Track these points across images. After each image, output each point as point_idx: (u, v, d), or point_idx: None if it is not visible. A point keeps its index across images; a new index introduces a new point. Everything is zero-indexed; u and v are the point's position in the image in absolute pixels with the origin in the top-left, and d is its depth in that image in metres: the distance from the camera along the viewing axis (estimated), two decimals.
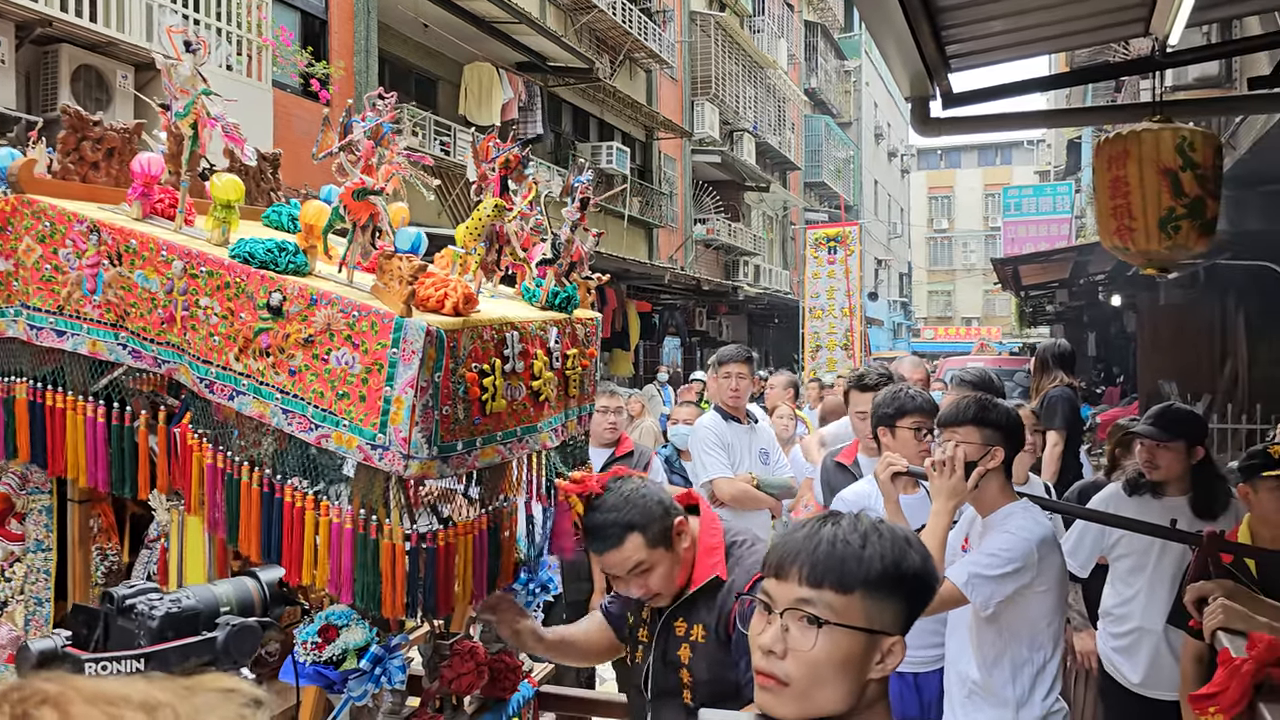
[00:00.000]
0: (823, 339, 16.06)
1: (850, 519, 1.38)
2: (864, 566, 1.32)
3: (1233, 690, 1.87)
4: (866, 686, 1.33)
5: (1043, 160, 43.27)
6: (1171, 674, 3.35)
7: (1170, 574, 3.44)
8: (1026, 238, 23.91)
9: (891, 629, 1.33)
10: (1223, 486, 3.52)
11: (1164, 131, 3.45)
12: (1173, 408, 3.59)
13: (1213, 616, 2.26)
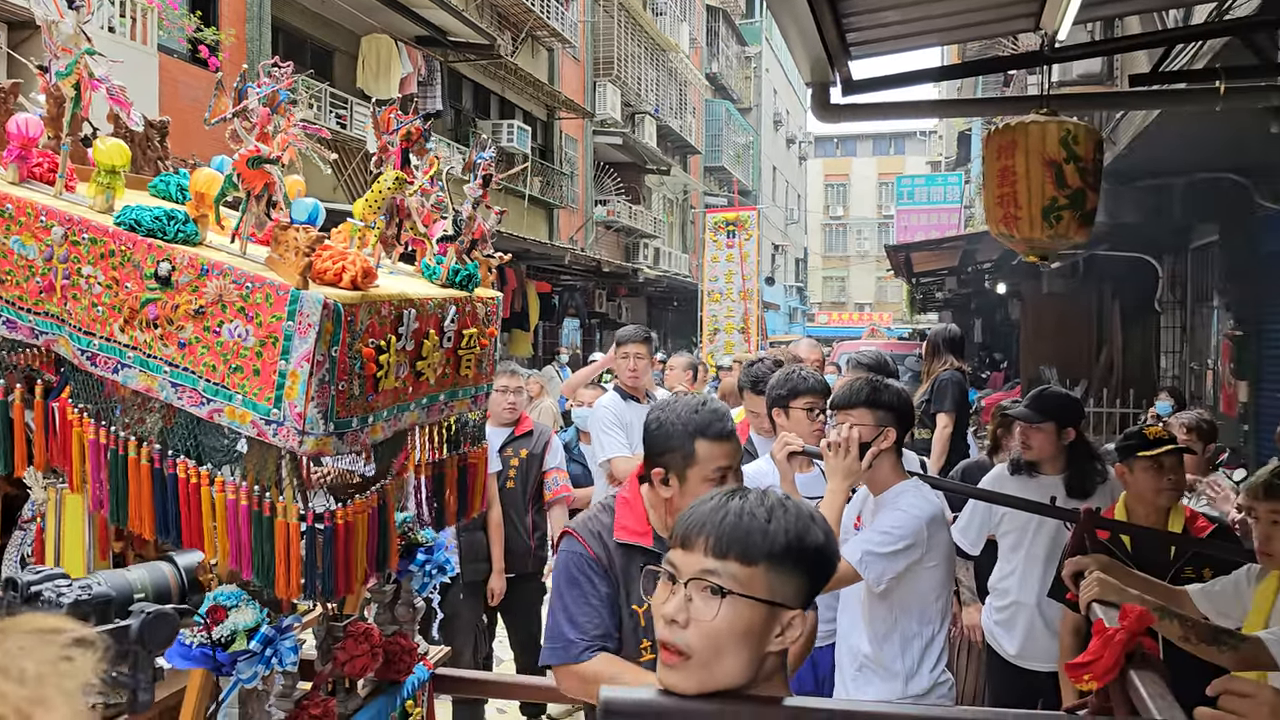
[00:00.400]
0: (721, 322, 16.24)
1: (757, 494, 1.40)
2: (769, 540, 1.34)
3: (1106, 659, 1.95)
4: (766, 659, 1.35)
5: (934, 151, 44.48)
6: (1045, 646, 3.51)
7: (1044, 551, 3.60)
8: (918, 226, 24.59)
9: (792, 603, 1.35)
10: (1095, 466, 3.69)
11: (1050, 124, 3.56)
12: (1046, 391, 3.73)
13: (1088, 589, 2.36)
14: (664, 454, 2.25)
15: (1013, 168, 3.59)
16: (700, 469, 2.22)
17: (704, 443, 2.23)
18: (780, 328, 34.55)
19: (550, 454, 4.89)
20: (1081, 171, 3.52)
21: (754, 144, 36.02)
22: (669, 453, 2.24)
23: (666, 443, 2.25)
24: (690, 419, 2.25)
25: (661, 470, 2.25)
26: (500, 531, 4.57)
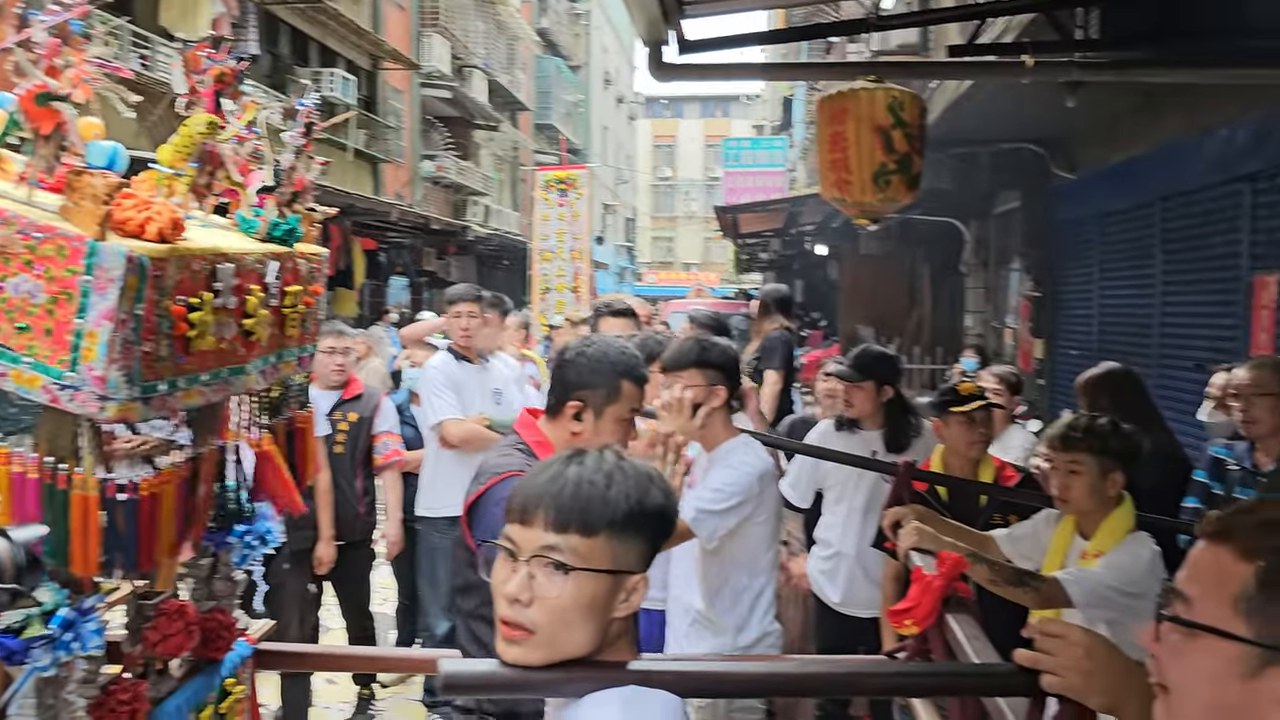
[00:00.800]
0: (552, 281, 16.07)
1: (595, 458, 1.36)
2: (609, 508, 1.30)
3: (925, 604, 2.04)
4: (611, 625, 1.33)
5: (759, 115, 45.46)
6: (867, 594, 3.67)
7: (864, 503, 3.76)
8: (744, 188, 25.10)
9: (636, 567, 1.33)
10: (911, 421, 3.87)
11: (878, 91, 3.68)
12: (866, 351, 3.87)
13: (906, 538, 2.45)
14: (584, 389, 2.25)
15: (844, 133, 3.69)
16: (619, 408, 2.25)
17: (629, 384, 2.27)
18: (610, 287, 34.69)
19: (381, 417, 4.73)
20: (908, 137, 3.66)
21: (584, 103, 35.84)
22: (590, 388, 2.25)
23: (590, 378, 2.26)
24: (620, 358, 2.29)
25: (579, 404, 2.25)
26: (328, 498, 4.40)
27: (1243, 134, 5.47)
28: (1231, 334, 5.66)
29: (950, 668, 1.50)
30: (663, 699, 1.27)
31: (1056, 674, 1.29)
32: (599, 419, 2.26)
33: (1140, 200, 7.01)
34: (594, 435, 2.24)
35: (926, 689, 1.46)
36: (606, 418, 2.26)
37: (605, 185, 38.52)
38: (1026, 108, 7.16)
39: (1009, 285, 10.39)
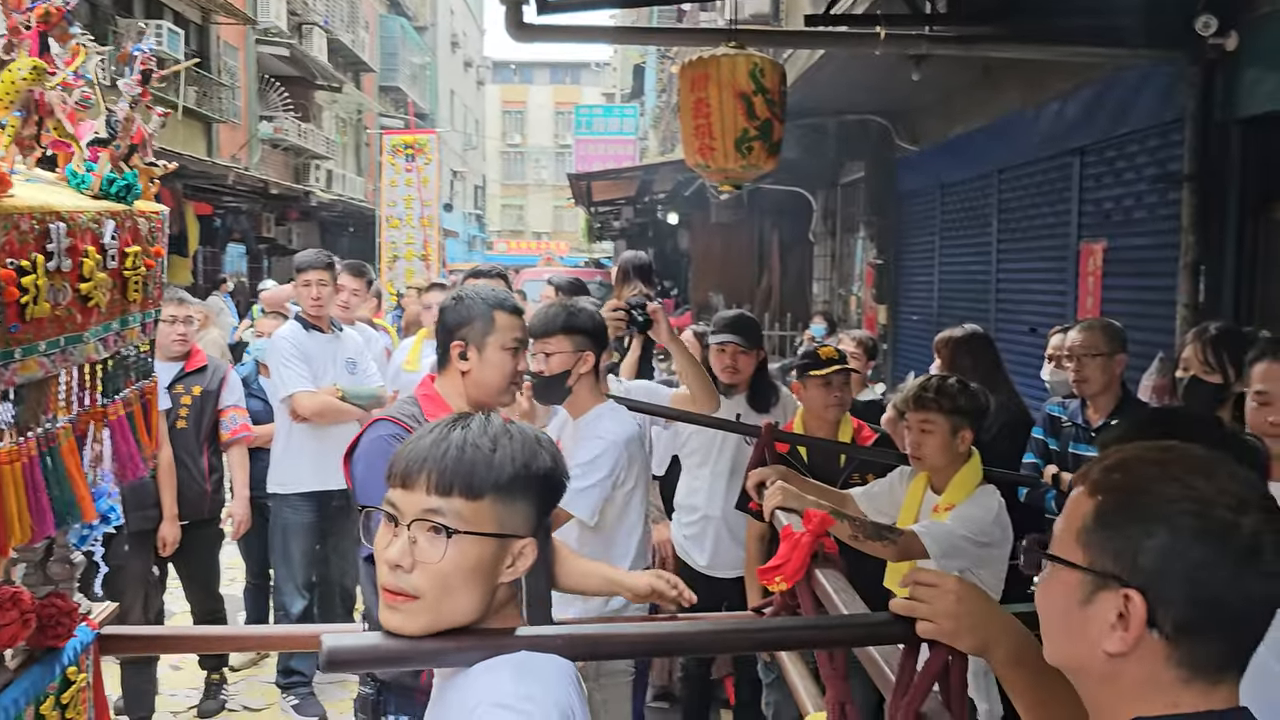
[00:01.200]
0: (400, 249, 15.75)
1: (481, 421, 1.33)
2: (494, 471, 1.28)
3: (794, 560, 2.09)
4: (497, 590, 1.31)
5: (609, 83, 45.37)
6: (732, 555, 3.74)
7: (728, 466, 3.81)
8: (596, 156, 25.05)
9: (522, 531, 1.30)
10: (772, 384, 3.96)
11: (739, 58, 3.70)
12: (745, 316, 3.92)
13: (772, 498, 2.50)
14: (463, 326, 2.38)
15: (707, 99, 3.70)
16: (499, 337, 2.37)
17: (502, 314, 2.39)
18: (459, 255, 34.14)
19: (227, 390, 4.50)
20: (770, 103, 3.70)
21: (431, 65, 34.94)
22: (468, 324, 2.38)
23: (467, 315, 2.39)
24: (489, 294, 2.44)
25: (461, 343, 2.38)
26: (172, 475, 4.17)
27: (1073, 109, 5.79)
28: (1061, 298, 6.01)
29: (832, 620, 1.54)
30: (556, 663, 1.26)
31: (931, 620, 1.34)
32: (482, 352, 2.37)
33: (978, 171, 7.34)
34: (481, 369, 2.37)
35: (811, 641, 1.49)
36: (489, 349, 2.37)
37: (454, 151, 37.74)
38: (873, 81, 7.38)
39: (855, 253, 10.74)
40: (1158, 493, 0.97)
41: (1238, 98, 4.31)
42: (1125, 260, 5.32)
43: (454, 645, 1.22)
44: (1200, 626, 0.95)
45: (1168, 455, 1.01)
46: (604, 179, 14.13)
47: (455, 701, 1.24)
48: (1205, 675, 0.96)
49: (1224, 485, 0.96)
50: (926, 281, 8.62)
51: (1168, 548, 0.95)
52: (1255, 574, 0.93)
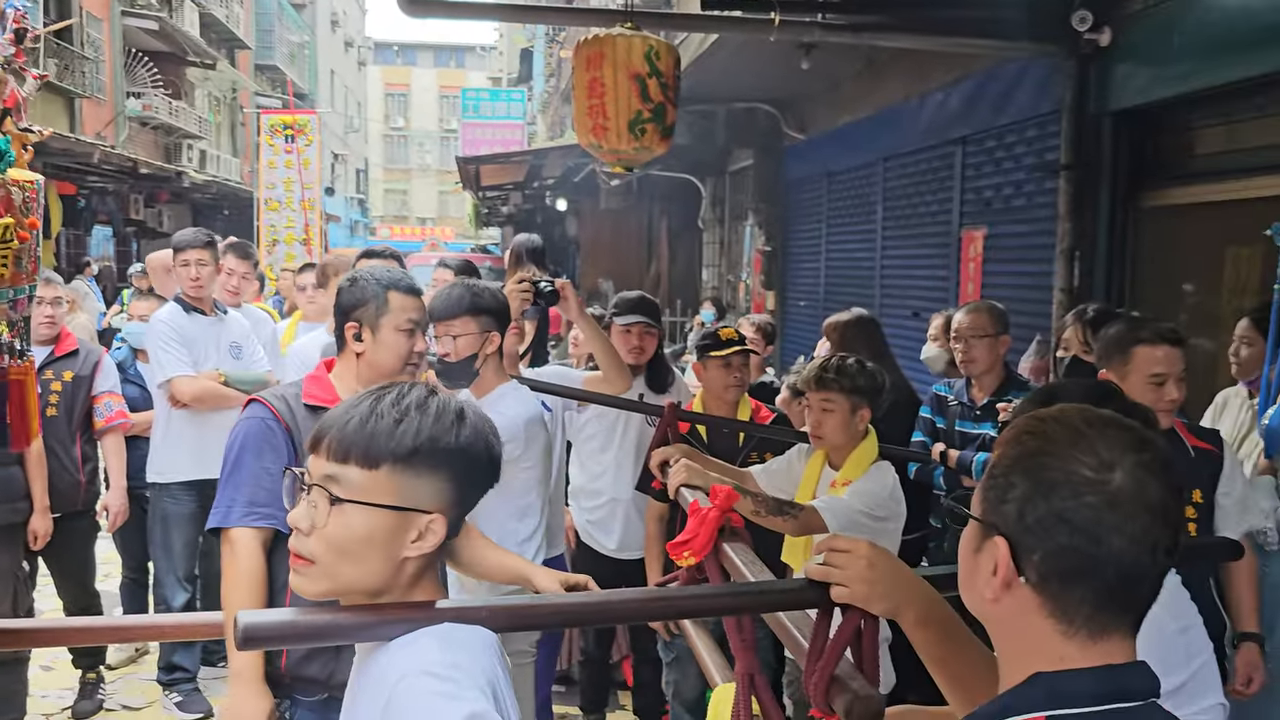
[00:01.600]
0: (280, 233, 15.29)
1: (401, 391, 1.31)
2: (393, 441, 1.26)
3: (702, 535, 2.10)
4: (404, 564, 1.28)
5: (495, 67, 44.85)
6: (640, 536, 3.74)
7: (634, 448, 3.82)
8: (483, 140, 24.74)
9: (429, 506, 1.28)
10: (669, 366, 3.99)
11: (635, 39, 3.69)
12: (647, 298, 3.91)
13: (676, 475, 2.50)
14: (357, 307, 2.35)
15: (601, 79, 3.68)
16: (393, 318, 2.34)
17: (396, 294, 2.35)
18: (342, 241, 33.30)
19: (101, 376, 4.28)
20: (663, 86, 3.70)
21: (310, 44, 33.93)
22: (362, 305, 2.34)
23: (361, 296, 2.35)
24: (383, 275, 2.40)
25: (355, 324, 2.34)
26: (42, 465, 3.93)
27: (955, 100, 5.98)
28: (944, 284, 6.22)
29: (751, 586, 1.56)
30: (480, 634, 1.24)
31: (845, 585, 1.37)
32: (376, 333, 2.34)
33: (864, 160, 7.52)
34: (375, 350, 2.34)
35: (731, 608, 1.51)
36: (382, 330, 2.34)
37: (334, 134, 36.73)
38: (762, 69, 7.48)
39: (743, 240, 10.88)
40: (1029, 446, 1.02)
41: (1110, 91, 4.52)
42: (1005, 247, 5.53)
43: (375, 619, 1.20)
44: (1063, 577, 0.97)
45: (1053, 414, 1.05)
46: (493, 163, 13.96)
47: (374, 677, 1.21)
48: (1083, 628, 0.98)
49: (1094, 441, 0.99)
50: (814, 268, 8.80)
51: (1029, 498, 0.98)
52: (1114, 528, 0.96)
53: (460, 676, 1.15)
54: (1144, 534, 0.96)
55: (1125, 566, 0.97)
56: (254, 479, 2.24)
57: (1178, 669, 1.56)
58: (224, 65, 24.63)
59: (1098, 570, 0.96)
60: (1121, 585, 0.97)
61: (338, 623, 1.20)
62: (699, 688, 3.56)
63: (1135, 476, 0.97)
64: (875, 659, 1.42)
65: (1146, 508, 0.97)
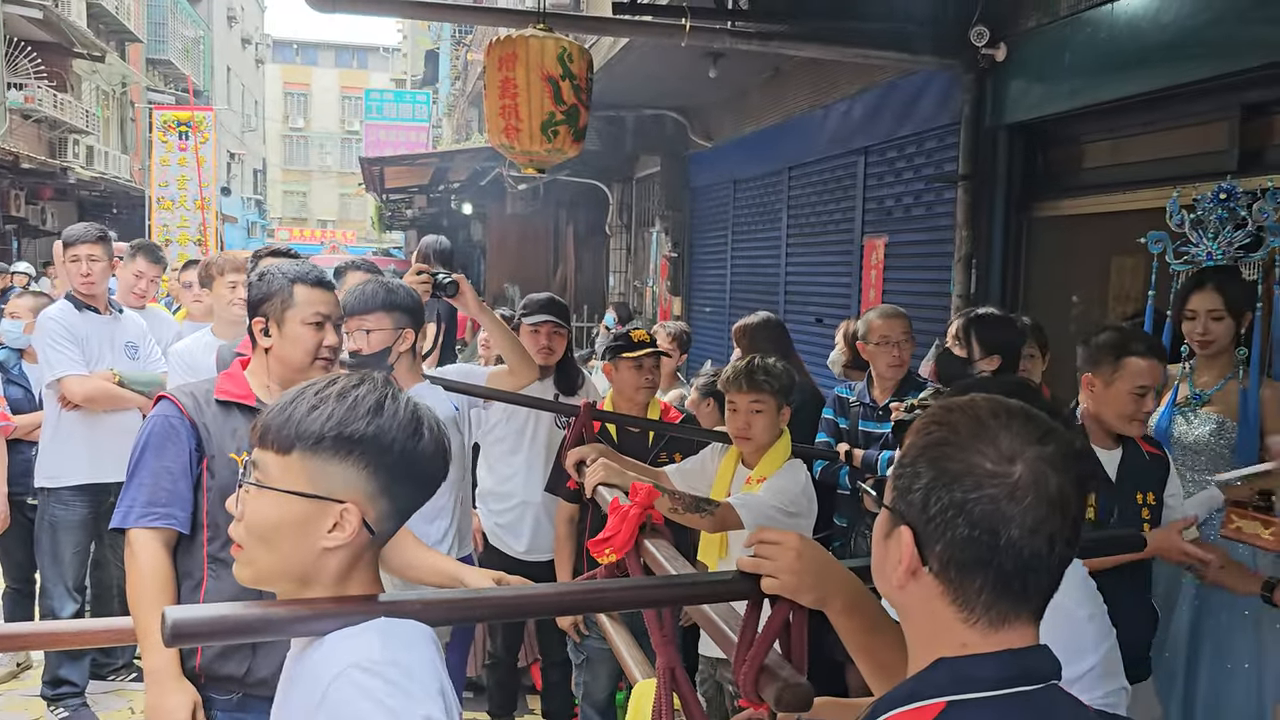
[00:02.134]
0: (173, 232, 14.81)
1: (344, 380, 1.31)
2: (305, 427, 1.26)
3: (624, 532, 2.11)
4: (327, 555, 1.27)
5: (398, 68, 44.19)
6: (549, 539, 3.73)
7: (543, 450, 3.81)
8: (387, 142, 24.35)
9: (342, 494, 1.26)
10: (578, 367, 4.00)
11: (548, 40, 3.70)
12: (556, 299, 3.91)
13: (594, 474, 2.51)
14: (263, 302, 2.33)
15: (514, 80, 3.67)
16: (298, 312, 2.31)
17: (302, 287, 2.32)
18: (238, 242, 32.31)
19: None
20: (576, 89, 3.71)
21: (205, 40, 32.90)
22: (268, 300, 2.32)
23: (266, 290, 2.33)
24: (290, 268, 2.37)
25: (262, 319, 2.32)
26: None
27: (859, 110, 6.13)
28: (846, 290, 6.36)
29: (682, 578, 1.57)
30: (418, 628, 1.24)
31: (774, 576, 1.40)
32: (282, 328, 2.32)
33: (770, 168, 7.65)
34: (281, 345, 2.31)
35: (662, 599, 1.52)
36: (288, 324, 2.31)
37: (231, 132, 35.67)
38: (670, 76, 7.56)
39: (650, 246, 10.95)
40: (935, 436, 1.03)
41: (1005, 105, 4.70)
42: (905, 254, 5.69)
43: (308, 612, 1.18)
44: (962, 566, 0.99)
45: (961, 404, 1.06)
46: (397, 165, 13.76)
47: (308, 674, 1.19)
48: (983, 615, 1.00)
49: (997, 433, 1.01)
50: (719, 274, 8.90)
51: (932, 488, 1.00)
52: (1012, 519, 0.97)
53: (398, 677, 1.14)
54: (1041, 525, 0.98)
55: (1023, 557, 0.98)
56: (154, 478, 2.20)
57: (1086, 654, 1.62)
58: (113, 58, 23.70)
59: (996, 560, 0.98)
60: (1019, 575, 0.99)
61: (269, 617, 1.18)
62: (609, 689, 3.57)
63: (1035, 469, 0.99)
64: (804, 649, 1.45)
65: (1045, 500, 0.98)
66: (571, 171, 11.45)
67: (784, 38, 4.65)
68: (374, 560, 1.32)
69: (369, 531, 1.28)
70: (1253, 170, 3.61)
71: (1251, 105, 3.69)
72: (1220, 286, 3.11)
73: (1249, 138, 3.72)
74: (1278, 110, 3.65)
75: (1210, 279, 3.14)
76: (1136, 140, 4.29)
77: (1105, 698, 1.63)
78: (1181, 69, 3.71)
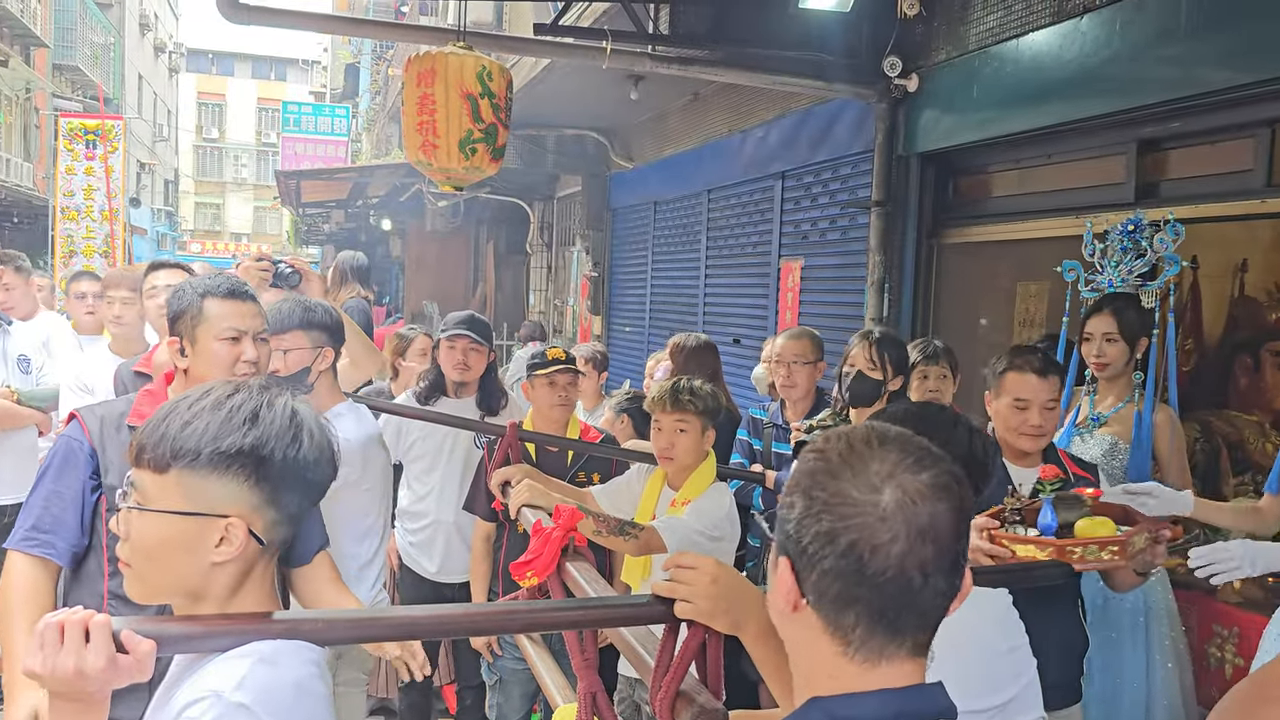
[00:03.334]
0: (78, 244, 14.31)
1: (204, 391, 1.29)
2: (180, 444, 1.24)
3: (546, 555, 2.10)
4: (216, 570, 1.25)
5: (318, 81, 43.52)
6: (461, 560, 3.69)
7: (460, 469, 3.78)
8: (305, 155, 23.94)
9: (227, 509, 1.24)
10: (501, 387, 3.97)
11: (467, 58, 3.69)
12: (477, 316, 3.88)
13: (519, 495, 2.50)
14: (177, 319, 2.25)
15: (432, 96, 3.65)
16: (210, 327, 2.22)
17: (213, 301, 2.23)
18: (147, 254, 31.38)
19: None
20: (495, 107, 3.71)
21: (115, 46, 31.97)
22: (180, 317, 2.25)
23: (178, 307, 2.25)
24: (201, 282, 2.28)
25: (177, 339, 2.25)
26: None
27: (776, 136, 6.24)
28: (763, 312, 6.45)
29: (599, 601, 1.57)
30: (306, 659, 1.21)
31: (690, 600, 1.40)
32: (195, 344, 2.24)
33: (689, 191, 7.73)
34: (196, 362, 2.23)
35: (579, 622, 1.51)
36: (201, 340, 2.23)
37: (142, 142, 34.69)
38: (591, 98, 7.60)
39: (571, 265, 10.96)
40: (810, 466, 1.01)
41: (917, 134, 4.83)
42: (820, 277, 5.80)
43: (201, 630, 1.15)
44: (835, 599, 0.96)
45: (839, 433, 1.03)
46: (315, 179, 13.54)
47: (172, 705, 1.17)
48: (859, 650, 0.97)
49: (869, 461, 0.98)
50: (640, 294, 8.95)
51: (804, 518, 0.98)
52: (878, 549, 0.94)
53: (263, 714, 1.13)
54: (909, 556, 0.94)
55: (892, 588, 0.95)
56: (45, 502, 2.11)
57: (1006, 686, 1.65)
58: (17, 62, 22.88)
59: (865, 592, 0.95)
60: (892, 607, 0.95)
61: (162, 633, 1.15)
62: (522, 710, 3.54)
63: (903, 497, 0.95)
64: (719, 673, 1.45)
65: (915, 530, 0.94)
66: (492, 189, 11.41)
67: (704, 63, 4.72)
68: (268, 574, 1.30)
69: (258, 542, 1.27)
70: (1149, 202, 3.78)
71: (1147, 140, 3.86)
72: (1116, 311, 3.24)
73: (1145, 171, 3.89)
74: (1173, 145, 3.83)
75: (1108, 304, 3.27)
76: (1041, 171, 4.44)
77: None
78: (1082, 104, 3.86)
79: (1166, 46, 3.49)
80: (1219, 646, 3.17)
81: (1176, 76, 3.46)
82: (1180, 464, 3.21)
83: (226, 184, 52.25)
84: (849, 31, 4.82)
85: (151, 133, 38.13)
